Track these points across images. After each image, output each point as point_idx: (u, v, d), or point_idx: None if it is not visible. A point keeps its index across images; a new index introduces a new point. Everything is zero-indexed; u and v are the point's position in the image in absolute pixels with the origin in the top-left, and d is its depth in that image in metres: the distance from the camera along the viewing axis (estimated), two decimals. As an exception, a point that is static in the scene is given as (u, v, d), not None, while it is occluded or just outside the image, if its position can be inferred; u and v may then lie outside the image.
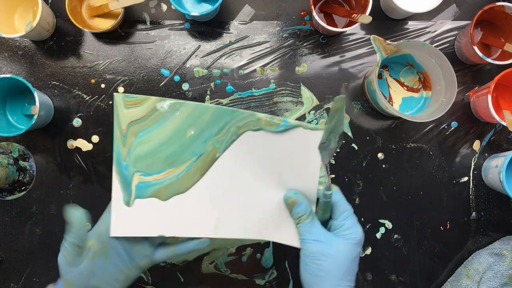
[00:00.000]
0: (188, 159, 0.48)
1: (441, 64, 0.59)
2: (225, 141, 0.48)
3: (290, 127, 0.49)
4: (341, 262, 0.46)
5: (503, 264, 0.59)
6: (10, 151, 0.64)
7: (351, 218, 0.48)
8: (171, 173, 0.48)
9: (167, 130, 0.47)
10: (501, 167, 0.59)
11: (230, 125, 0.48)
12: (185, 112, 0.47)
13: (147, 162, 0.47)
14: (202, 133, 0.48)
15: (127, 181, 0.47)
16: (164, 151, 0.47)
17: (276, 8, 0.66)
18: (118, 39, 0.65)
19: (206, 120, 0.48)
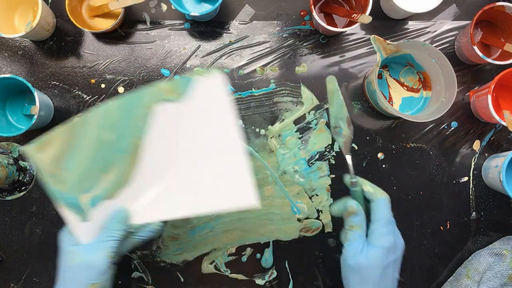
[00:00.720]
0: (118, 158, 0.50)
1: (441, 64, 0.59)
2: (141, 126, 0.50)
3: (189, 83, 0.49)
4: (373, 269, 0.48)
5: (503, 264, 0.59)
6: (10, 151, 0.64)
7: (386, 226, 0.50)
8: (112, 177, 0.50)
9: (88, 145, 0.49)
10: (501, 167, 0.59)
11: (139, 107, 0.49)
12: (95, 121, 0.49)
13: (88, 181, 0.49)
14: (119, 129, 0.49)
15: (79, 204, 0.49)
16: (95, 163, 0.49)
17: (276, 8, 0.66)
18: (118, 39, 0.65)
19: (116, 117, 0.49)
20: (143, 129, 0.50)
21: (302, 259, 0.64)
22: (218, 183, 0.51)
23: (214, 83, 0.49)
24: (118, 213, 0.50)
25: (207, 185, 0.51)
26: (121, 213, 0.50)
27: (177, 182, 0.51)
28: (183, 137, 0.51)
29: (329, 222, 0.65)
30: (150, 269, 0.63)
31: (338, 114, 0.50)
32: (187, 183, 0.51)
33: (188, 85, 0.49)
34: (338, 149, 0.65)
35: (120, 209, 0.50)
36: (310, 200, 0.64)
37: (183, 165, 0.51)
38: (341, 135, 0.51)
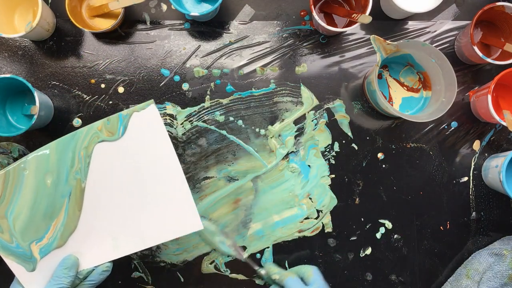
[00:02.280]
0: (62, 203, 0.49)
1: (441, 64, 0.59)
2: (82, 168, 0.50)
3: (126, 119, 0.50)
4: None
5: (503, 264, 0.59)
6: (10, 151, 0.64)
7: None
8: (57, 223, 0.50)
9: (28, 193, 0.48)
10: (501, 167, 0.59)
11: (78, 150, 0.49)
12: (32, 166, 0.48)
13: (33, 230, 0.49)
14: (59, 173, 0.49)
15: (27, 254, 0.49)
16: (38, 211, 0.49)
17: (276, 8, 0.66)
18: (118, 39, 0.65)
19: (54, 160, 0.49)
20: (84, 171, 0.50)
21: (302, 259, 0.64)
22: (163, 214, 0.52)
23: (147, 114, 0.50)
24: (66, 260, 0.49)
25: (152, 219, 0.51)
26: (69, 260, 0.50)
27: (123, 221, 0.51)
28: (125, 173, 0.51)
29: (329, 222, 0.65)
30: (150, 269, 0.63)
31: None
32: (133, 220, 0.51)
33: (123, 121, 0.50)
34: (338, 149, 0.65)
35: (68, 256, 0.50)
36: (310, 200, 0.64)
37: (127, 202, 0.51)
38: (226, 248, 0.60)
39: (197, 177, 0.64)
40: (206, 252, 0.64)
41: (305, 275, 0.55)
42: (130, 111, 0.50)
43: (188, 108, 0.65)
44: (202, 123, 0.65)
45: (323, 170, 0.65)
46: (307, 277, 0.55)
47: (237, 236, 0.64)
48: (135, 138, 0.50)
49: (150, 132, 0.51)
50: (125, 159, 0.51)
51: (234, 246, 0.61)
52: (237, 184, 0.64)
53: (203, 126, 0.65)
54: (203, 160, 0.64)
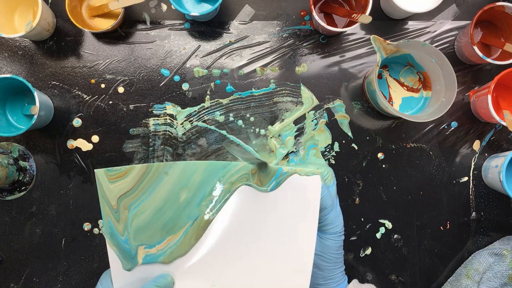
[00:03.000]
0: (184, 223, 0.47)
1: (441, 64, 0.59)
2: (218, 200, 0.47)
3: (284, 177, 0.46)
4: (328, 256, 0.49)
5: (503, 264, 0.59)
6: (10, 151, 0.64)
7: (332, 212, 0.49)
8: (171, 240, 0.47)
9: (159, 197, 0.46)
10: (501, 167, 0.59)
11: (223, 181, 0.47)
12: (175, 174, 0.46)
13: (147, 234, 0.47)
14: (195, 194, 0.46)
15: (131, 254, 0.46)
16: (160, 219, 0.46)
17: (276, 8, 0.66)
18: (118, 39, 0.65)
19: (197, 180, 0.46)
20: (220, 205, 0.47)
21: (302, 259, 0.64)
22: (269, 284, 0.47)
23: (309, 182, 0.46)
24: (162, 278, 0.47)
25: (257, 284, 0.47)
26: (164, 280, 0.47)
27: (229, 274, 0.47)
28: (255, 229, 0.47)
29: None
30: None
31: None
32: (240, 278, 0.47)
33: (279, 176, 0.46)
34: (338, 149, 0.65)
35: (165, 275, 0.47)
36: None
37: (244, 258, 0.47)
38: None
39: (197, 177, 0.64)
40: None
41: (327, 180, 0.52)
42: (292, 170, 0.46)
43: (188, 108, 0.65)
44: (202, 123, 0.65)
45: (323, 170, 0.65)
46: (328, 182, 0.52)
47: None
48: (283, 200, 0.47)
49: (302, 202, 0.47)
50: (264, 215, 0.47)
51: None
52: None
53: (203, 126, 0.65)
54: (203, 160, 0.64)
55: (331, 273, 0.49)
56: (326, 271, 0.49)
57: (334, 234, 0.49)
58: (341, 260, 0.50)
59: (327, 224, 0.49)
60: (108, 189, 0.45)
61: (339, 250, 0.49)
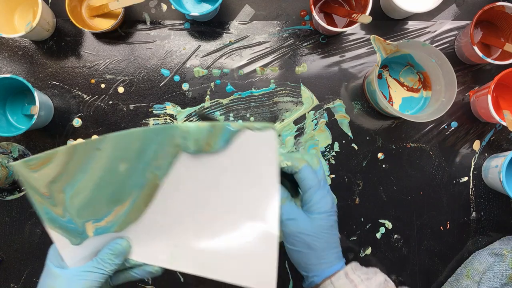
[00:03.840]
0: (130, 192, 0.45)
1: (441, 64, 0.59)
2: (164, 166, 0.44)
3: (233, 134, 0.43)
4: (319, 235, 0.47)
5: (503, 264, 0.59)
6: (10, 151, 0.64)
7: (318, 192, 0.48)
8: (120, 210, 0.45)
9: (96, 173, 0.44)
10: (501, 167, 0.59)
11: (166, 145, 0.44)
12: (108, 147, 0.44)
13: (92, 210, 0.45)
14: (137, 162, 0.44)
15: (78, 230, 0.45)
16: (103, 193, 0.44)
17: (276, 8, 0.66)
18: (118, 39, 0.65)
19: (136, 147, 0.44)
20: (165, 169, 0.44)
21: (302, 259, 0.64)
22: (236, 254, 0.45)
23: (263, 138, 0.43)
24: (116, 244, 0.45)
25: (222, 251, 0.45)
26: (119, 245, 0.45)
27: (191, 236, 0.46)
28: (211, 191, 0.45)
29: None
30: (150, 269, 0.63)
31: None
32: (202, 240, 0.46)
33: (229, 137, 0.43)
34: (338, 149, 0.65)
35: (119, 240, 0.45)
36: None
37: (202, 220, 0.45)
38: None
39: (197, 177, 0.64)
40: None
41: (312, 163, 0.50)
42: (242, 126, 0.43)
43: (188, 108, 0.65)
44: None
45: (323, 170, 0.65)
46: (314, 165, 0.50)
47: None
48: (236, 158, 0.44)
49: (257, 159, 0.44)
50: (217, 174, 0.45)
51: None
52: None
53: (203, 126, 0.65)
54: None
55: (323, 253, 0.48)
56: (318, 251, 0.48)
57: (322, 214, 0.48)
58: (334, 241, 0.48)
59: (313, 204, 0.48)
60: (34, 179, 0.43)
61: (331, 230, 0.48)
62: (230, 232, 0.46)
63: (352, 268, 0.48)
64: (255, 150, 0.44)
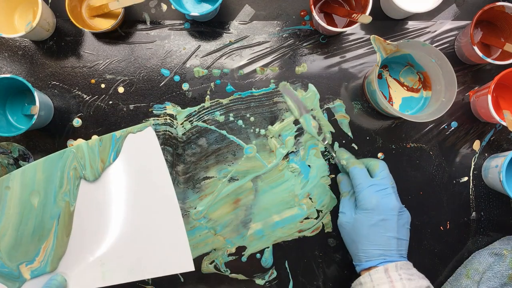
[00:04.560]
0: (51, 225, 0.46)
1: (441, 64, 0.59)
2: (71, 190, 0.46)
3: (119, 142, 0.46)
4: (357, 229, 0.55)
5: (503, 264, 0.59)
6: (10, 151, 0.64)
7: (363, 191, 0.55)
8: (47, 247, 0.47)
9: (13, 213, 0.45)
10: (501, 167, 0.59)
11: (67, 169, 0.46)
12: (16, 184, 0.45)
13: (21, 251, 0.46)
14: (47, 193, 0.46)
15: (14, 274, 0.46)
16: (25, 232, 0.46)
17: (276, 8, 0.66)
18: (118, 39, 0.65)
19: (41, 178, 0.45)
20: (73, 193, 0.47)
21: (302, 259, 0.64)
22: (154, 248, 0.48)
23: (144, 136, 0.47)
24: (52, 280, 0.47)
25: (142, 251, 0.48)
26: (55, 280, 0.47)
27: (112, 248, 0.48)
28: (116, 199, 0.48)
29: (329, 222, 0.65)
30: (150, 269, 0.63)
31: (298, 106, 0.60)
32: (123, 249, 0.48)
33: (115, 145, 0.47)
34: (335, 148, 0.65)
35: (54, 276, 0.47)
36: (310, 200, 0.64)
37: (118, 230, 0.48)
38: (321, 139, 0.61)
39: (197, 177, 0.64)
40: (206, 252, 0.64)
41: (371, 167, 0.58)
42: (124, 132, 0.47)
43: (188, 108, 0.65)
44: (202, 123, 0.65)
45: (323, 170, 0.65)
46: (373, 169, 0.58)
47: (237, 236, 0.64)
48: (128, 163, 0.47)
49: (146, 157, 0.47)
50: (118, 184, 0.47)
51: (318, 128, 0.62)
52: (237, 184, 0.64)
53: (203, 126, 0.65)
54: (203, 160, 0.64)
55: (363, 246, 0.54)
56: (357, 243, 0.55)
57: (362, 211, 0.54)
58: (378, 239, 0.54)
59: (359, 200, 0.55)
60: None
61: (373, 229, 0.54)
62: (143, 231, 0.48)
63: (396, 265, 0.52)
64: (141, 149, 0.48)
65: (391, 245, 0.53)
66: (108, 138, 0.47)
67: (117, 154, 0.47)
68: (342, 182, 0.61)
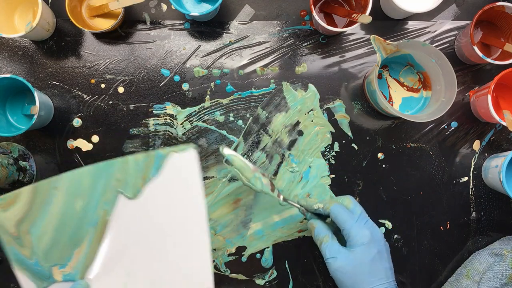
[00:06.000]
0: (87, 231, 0.47)
1: (441, 64, 0.59)
2: (111, 199, 0.47)
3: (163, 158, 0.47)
4: (359, 267, 0.51)
5: (503, 264, 0.59)
6: (10, 151, 0.64)
7: (354, 227, 0.52)
8: (79, 252, 0.47)
9: (56, 213, 0.46)
10: (501, 167, 0.59)
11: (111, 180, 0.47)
12: (64, 186, 0.46)
13: (57, 253, 0.46)
14: (90, 200, 0.46)
15: (45, 274, 0.46)
16: (64, 234, 0.46)
17: (276, 8, 0.66)
18: (118, 39, 0.65)
19: (87, 184, 0.46)
20: (112, 203, 0.47)
21: (302, 259, 0.64)
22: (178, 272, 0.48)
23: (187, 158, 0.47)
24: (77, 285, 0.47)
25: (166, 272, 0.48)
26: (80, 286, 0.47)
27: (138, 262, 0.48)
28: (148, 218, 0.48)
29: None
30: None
31: None
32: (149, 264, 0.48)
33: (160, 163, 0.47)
34: (338, 149, 0.65)
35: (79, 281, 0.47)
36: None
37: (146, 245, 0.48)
38: None
39: (197, 177, 0.64)
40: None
41: (344, 204, 0.55)
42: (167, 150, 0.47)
43: (188, 108, 0.65)
44: (202, 123, 0.65)
45: (323, 170, 0.65)
46: (346, 205, 0.55)
47: (237, 236, 0.64)
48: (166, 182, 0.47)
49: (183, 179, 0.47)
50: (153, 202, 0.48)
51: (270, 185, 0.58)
52: (237, 184, 0.64)
53: (203, 126, 0.65)
54: (203, 160, 0.64)
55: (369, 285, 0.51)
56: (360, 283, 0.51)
57: (359, 246, 0.52)
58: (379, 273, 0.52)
59: (352, 238, 0.52)
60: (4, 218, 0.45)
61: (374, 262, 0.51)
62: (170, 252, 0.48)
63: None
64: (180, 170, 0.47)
65: (389, 276, 0.53)
66: (153, 154, 0.47)
67: (157, 172, 0.47)
68: (318, 227, 0.56)
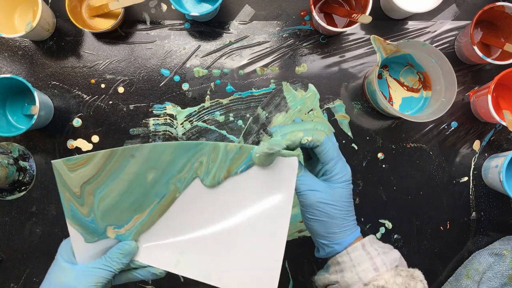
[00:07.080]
0: (151, 201, 0.47)
1: (441, 64, 0.59)
2: (187, 179, 0.47)
3: None
4: (340, 204, 0.49)
5: (503, 264, 0.59)
6: (10, 151, 0.64)
7: (339, 163, 0.50)
8: (138, 219, 0.47)
9: (125, 179, 0.46)
10: (501, 167, 0.59)
11: (194, 160, 0.46)
12: (142, 156, 0.46)
13: (115, 215, 0.47)
14: (164, 173, 0.46)
15: (98, 231, 0.47)
16: (127, 199, 0.47)
17: (276, 8, 0.66)
18: (118, 39, 0.65)
19: (166, 159, 0.46)
20: (186, 182, 0.47)
21: (302, 259, 0.64)
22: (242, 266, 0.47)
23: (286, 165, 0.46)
24: (125, 245, 0.47)
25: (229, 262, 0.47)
26: (128, 246, 0.47)
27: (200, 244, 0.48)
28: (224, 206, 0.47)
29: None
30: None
31: None
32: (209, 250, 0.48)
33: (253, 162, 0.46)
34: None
35: (128, 242, 0.48)
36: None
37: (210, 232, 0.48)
38: None
39: (197, 177, 0.64)
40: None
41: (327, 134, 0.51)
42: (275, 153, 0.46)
43: (188, 108, 0.65)
44: (202, 123, 0.65)
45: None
46: None
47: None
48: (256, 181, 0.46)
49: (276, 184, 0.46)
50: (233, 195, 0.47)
51: None
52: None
53: (203, 126, 0.65)
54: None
55: (345, 222, 0.50)
56: (339, 220, 0.49)
57: (343, 183, 0.50)
58: (352, 209, 0.51)
59: (336, 173, 0.49)
60: (69, 178, 0.45)
61: (350, 199, 0.50)
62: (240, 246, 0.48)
63: (369, 240, 0.49)
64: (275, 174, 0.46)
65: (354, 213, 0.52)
66: (247, 149, 0.46)
67: (247, 168, 0.47)
68: None
